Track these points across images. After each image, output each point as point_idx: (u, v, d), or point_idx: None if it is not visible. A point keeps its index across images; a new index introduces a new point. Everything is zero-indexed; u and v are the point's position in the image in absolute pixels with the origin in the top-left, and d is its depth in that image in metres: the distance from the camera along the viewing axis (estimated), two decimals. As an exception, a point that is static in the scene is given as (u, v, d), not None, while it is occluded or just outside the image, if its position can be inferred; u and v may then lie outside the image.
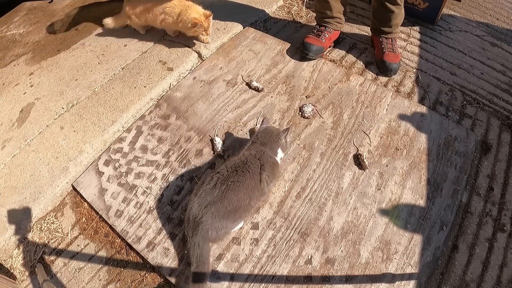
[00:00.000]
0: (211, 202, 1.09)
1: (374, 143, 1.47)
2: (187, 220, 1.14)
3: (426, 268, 1.18)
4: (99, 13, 2.26)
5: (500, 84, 1.76)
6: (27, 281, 1.26)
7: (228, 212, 1.11)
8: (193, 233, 1.11)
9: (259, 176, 1.16)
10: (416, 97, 1.67)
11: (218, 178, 1.13)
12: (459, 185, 1.35)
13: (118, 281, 1.22)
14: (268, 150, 1.22)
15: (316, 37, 1.77)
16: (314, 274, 1.17)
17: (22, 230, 1.32)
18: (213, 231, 1.10)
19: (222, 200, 1.09)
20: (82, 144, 1.50)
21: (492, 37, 2.01)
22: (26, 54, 2.04)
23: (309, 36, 1.79)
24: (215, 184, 1.11)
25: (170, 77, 1.73)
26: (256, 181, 1.15)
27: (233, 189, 1.11)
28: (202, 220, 1.09)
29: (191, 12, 1.67)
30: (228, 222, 1.13)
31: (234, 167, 1.15)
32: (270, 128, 1.32)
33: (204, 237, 1.10)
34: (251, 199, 1.15)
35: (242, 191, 1.12)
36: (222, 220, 1.11)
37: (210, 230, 1.10)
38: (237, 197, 1.11)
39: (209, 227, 1.09)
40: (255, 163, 1.17)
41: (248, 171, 1.14)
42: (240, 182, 1.12)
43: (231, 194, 1.10)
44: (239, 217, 1.16)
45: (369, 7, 2.20)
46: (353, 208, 1.30)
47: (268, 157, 1.21)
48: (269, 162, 1.19)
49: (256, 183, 1.15)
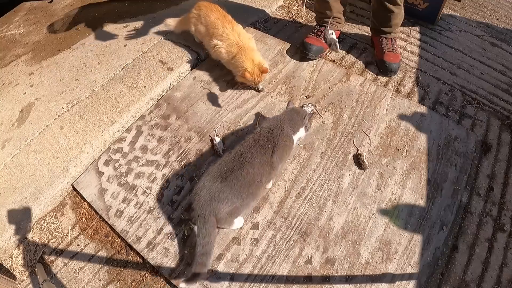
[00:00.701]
0: (230, 169, 1.13)
1: (374, 143, 1.47)
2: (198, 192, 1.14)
3: (426, 268, 1.18)
4: (99, 13, 2.26)
5: (500, 84, 1.76)
6: (27, 281, 1.26)
7: (245, 183, 1.13)
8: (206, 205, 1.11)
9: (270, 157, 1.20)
10: (416, 97, 1.67)
11: (236, 152, 1.18)
12: (459, 185, 1.35)
13: (118, 281, 1.22)
14: (289, 128, 1.27)
15: (316, 37, 1.77)
16: (314, 274, 1.17)
17: (22, 230, 1.32)
18: (228, 202, 1.11)
19: (241, 169, 1.13)
20: (82, 144, 1.50)
21: (492, 37, 2.01)
22: (26, 54, 2.04)
23: (309, 36, 1.79)
24: (233, 156, 1.17)
25: (170, 77, 1.73)
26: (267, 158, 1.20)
27: (249, 162, 1.15)
28: (221, 186, 1.11)
29: (245, 60, 1.51)
30: (243, 196, 1.14)
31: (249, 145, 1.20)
32: (297, 108, 1.38)
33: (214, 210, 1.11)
34: (263, 175, 1.18)
35: (256, 165, 1.16)
36: (239, 191, 1.12)
37: (226, 199, 1.11)
38: (252, 170, 1.15)
39: (226, 195, 1.11)
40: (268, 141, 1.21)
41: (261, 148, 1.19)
42: (254, 157, 1.17)
43: (248, 166, 1.15)
44: (251, 193, 1.17)
45: (369, 7, 2.20)
46: (353, 208, 1.30)
47: (284, 137, 1.24)
48: (281, 144, 1.23)
49: (267, 160, 1.19)
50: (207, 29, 1.66)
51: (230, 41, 1.57)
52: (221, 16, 1.64)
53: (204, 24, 1.66)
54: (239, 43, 1.56)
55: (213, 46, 1.62)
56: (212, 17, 1.63)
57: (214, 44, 1.61)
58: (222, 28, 1.59)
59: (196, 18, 1.69)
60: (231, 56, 1.58)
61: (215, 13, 1.64)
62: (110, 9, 2.27)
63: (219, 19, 1.62)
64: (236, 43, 1.56)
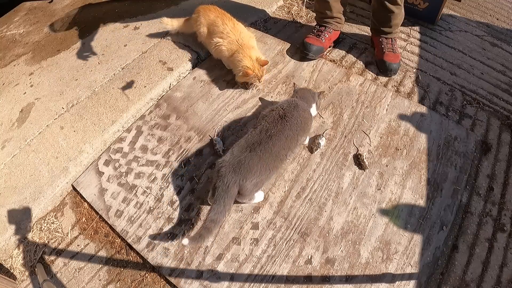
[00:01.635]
0: (258, 141, 1.17)
1: (374, 143, 1.47)
2: (225, 162, 1.15)
3: (426, 268, 1.18)
4: (99, 13, 2.26)
5: (500, 84, 1.76)
6: (27, 281, 1.26)
7: (273, 155, 1.18)
8: (230, 173, 1.12)
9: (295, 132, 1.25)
10: (416, 97, 1.67)
11: (262, 127, 1.22)
12: (459, 185, 1.35)
13: (118, 281, 1.22)
14: (304, 103, 1.34)
15: (316, 37, 1.77)
16: (314, 274, 1.17)
17: (22, 230, 1.32)
18: (256, 172, 1.14)
19: (269, 141, 1.18)
20: (82, 144, 1.50)
21: (492, 37, 2.01)
22: (26, 54, 2.04)
23: (309, 36, 1.79)
24: (260, 131, 1.21)
25: (170, 77, 1.73)
26: (293, 132, 1.24)
27: (276, 135, 1.20)
28: (250, 155, 1.14)
29: (244, 58, 1.52)
30: (270, 167, 1.18)
31: (273, 121, 1.24)
32: (307, 88, 1.48)
33: (241, 180, 1.12)
34: (288, 149, 1.24)
35: (283, 139, 1.21)
36: (267, 162, 1.16)
37: (255, 168, 1.14)
38: (279, 143, 1.20)
39: (255, 164, 1.14)
40: (292, 116, 1.26)
41: (287, 123, 1.24)
42: (280, 132, 1.21)
43: (275, 139, 1.19)
44: (275, 167, 1.22)
45: (369, 7, 2.20)
46: (353, 208, 1.30)
47: (302, 110, 1.30)
48: (302, 117, 1.29)
49: (293, 134, 1.24)
50: (207, 29, 1.67)
51: (230, 38, 1.58)
52: (221, 14, 1.65)
53: (204, 25, 1.67)
54: (239, 40, 1.58)
55: (214, 44, 1.63)
56: (212, 15, 1.64)
57: (215, 42, 1.62)
58: (222, 26, 1.60)
59: (197, 21, 1.70)
60: (231, 53, 1.59)
61: (214, 12, 1.65)
62: (110, 9, 2.27)
63: (218, 17, 1.63)
64: (237, 40, 1.58)
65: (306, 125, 1.31)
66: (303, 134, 1.31)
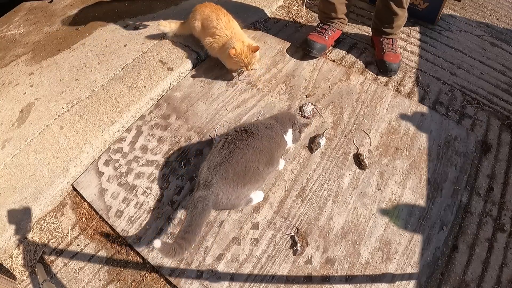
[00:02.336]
0: (219, 163, 1.09)
1: (374, 143, 1.47)
2: (197, 185, 1.11)
3: (426, 268, 1.18)
4: (99, 13, 2.26)
5: (500, 84, 1.76)
6: (27, 281, 1.26)
7: (238, 173, 1.09)
8: (202, 195, 1.07)
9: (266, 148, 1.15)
10: (416, 97, 1.67)
11: (226, 139, 1.14)
12: (459, 185, 1.35)
13: (118, 281, 1.22)
14: (280, 127, 1.23)
15: (319, 35, 1.77)
16: (314, 274, 1.17)
17: (22, 230, 1.32)
18: (223, 195, 1.08)
19: (230, 159, 1.08)
20: (82, 144, 1.50)
21: (492, 37, 2.01)
22: (26, 54, 2.04)
23: (312, 33, 1.79)
24: (223, 145, 1.12)
25: (170, 77, 1.73)
26: (266, 146, 1.15)
27: (240, 147, 1.10)
28: (213, 183, 1.06)
29: (235, 42, 1.54)
30: (239, 187, 1.10)
31: (243, 128, 1.16)
32: (292, 113, 1.36)
33: (213, 199, 1.07)
34: (259, 163, 1.13)
35: (250, 151, 1.11)
36: (232, 183, 1.08)
37: (220, 193, 1.07)
38: (244, 157, 1.10)
39: (219, 190, 1.07)
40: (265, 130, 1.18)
41: (257, 133, 1.15)
42: (248, 141, 1.12)
43: (239, 153, 1.10)
44: (249, 181, 1.13)
45: (369, 7, 2.20)
46: (353, 208, 1.30)
47: (271, 129, 1.20)
48: (277, 137, 1.20)
49: (265, 148, 1.14)
50: (202, 23, 1.69)
51: (223, 32, 1.60)
52: (216, 9, 1.67)
53: (199, 19, 1.69)
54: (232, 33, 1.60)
55: (209, 43, 1.66)
56: (207, 10, 1.66)
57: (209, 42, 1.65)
58: (216, 21, 1.62)
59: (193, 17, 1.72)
60: (223, 43, 1.61)
61: (209, 7, 1.67)
62: (110, 9, 2.27)
63: (213, 12, 1.65)
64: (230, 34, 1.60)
65: (277, 144, 1.21)
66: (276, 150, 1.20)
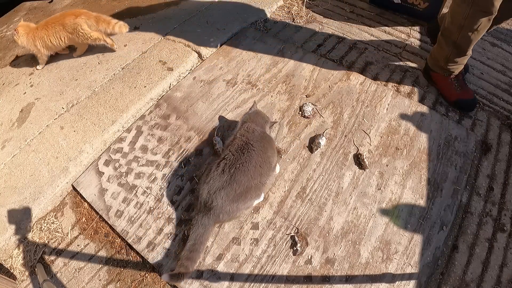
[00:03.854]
0: (219, 187, 1.12)
1: (375, 143, 1.47)
2: (199, 204, 1.17)
3: (426, 268, 1.18)
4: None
5: (500, 84, 1.76)
6: (27, 281, 1.26)
7: (239, 194, 1.13)
8: (204, 215, 1.14)
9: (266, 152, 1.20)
10: (416, 97, 1.67)
11: (225, 163, 1.15)
12: (459, 185, 1.35)
13: (118, 281, 1.22)
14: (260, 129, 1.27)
15: (464, 90, 1.62)
16: (314, 274, 1.17)
17: (22, 230, 1.32)
18: (224, 214, 1.14)
19: (232, 183, 1.12)
20: (82, 144, 1.50)
21: (492, 37, 2.01)
22: (26, 54, 2.04)
23: (455, 91, 1.62)
24: (223, 170, 1.14)
25: (170, 77, 1.73)
26: (264, 157, 1.18)
27: (242, 170, 1.13)
28: (213, 205, 1.12)
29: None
30: (240, 204, 1.15)
31: (239, 149, 1.18)
32: (260, 112, 1.37)
33: (214, 219, 1.14)
34: (262, 176, 1.18)
35: (251, 170, 1.15)
36: (233, 203, 1.13)
37: (221, 214, 1.13)
38: (246, 178, 1.14)
39: (219, 211, 1.13)
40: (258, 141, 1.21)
41: (253, 150, 1.18)
42: (248, 162, 1.15)
43: (240, 176, 1.13)
44: (250, 197, 1.18)
45: (369, 7, 2.20)
46: (353, 208, 1.30)
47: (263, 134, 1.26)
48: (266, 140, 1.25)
49: (263, 159, 1.18)
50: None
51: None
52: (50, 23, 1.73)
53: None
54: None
55: None
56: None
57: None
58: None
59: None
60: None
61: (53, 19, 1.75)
62: (110, 9, 2.27)
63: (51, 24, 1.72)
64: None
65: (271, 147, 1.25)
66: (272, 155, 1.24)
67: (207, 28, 1.97)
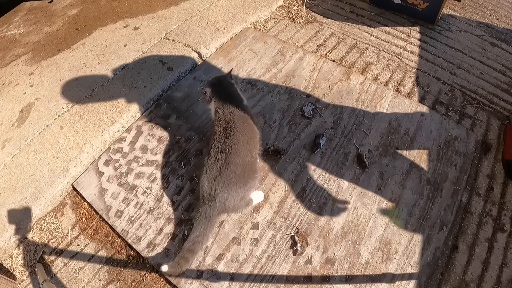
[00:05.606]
0: (218, 173, 1.14)
1: (375, 143, 1.47)
2: (202, 198, 1.18)
3: (426, 268, 1.18)
4: (99, 13, 2.26)
5: (500, 84, 1.76)
6: (27, 281, 1.26)
7: (238, 176, 1.15)
8: (208, 207, 1.15)
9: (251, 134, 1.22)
10: (416, 97, 1.67)
11: (215, 151, 1.18)
12: (459, 185, 1.35)
13: (118, 281, 1.22)
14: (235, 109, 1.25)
15: None
16: (314, 274, 1.17)
17: (22, 230, 1.32)
18: (230, 200, 1.15)
19: (228, 167, 1.14)
20: (82, 144, 1.50)
21: (492, 37, 2.01)
22: (26, 54, 2.04)
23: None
24: (216, 157, 1.17)
25: (170, 77, 1.73)
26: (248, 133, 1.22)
27: (233, 151, 1.16)
28: (217, 193, 1.13)
29: None
30: (241, 187, 1.17)
31: (223, 133, 1.19)
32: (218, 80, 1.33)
33: (219, 209, 1.15)
34: (252, 151, 1.21)
35: (241, 148, 1.18)
36: (235, 186, 1.15)
37: (227, 200, 1.15)
38: (240, 157, 1.17)
39: (225, 197, 1.14)
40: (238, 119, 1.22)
41: (237, 130, 1.20)
42: (236, 142, 1.17)
43: (233, 157, 1.16)
44: (248, 177, 1.19)
45: (369, 7, 2.20)
46: (353, 208, 1.30)
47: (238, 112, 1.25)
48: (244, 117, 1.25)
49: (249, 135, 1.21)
50: None
51: None
52: None
53: None
54: None
55: None
56: None
57: None
58: None
59: None
60: None
61: None
62: (110, 9, 2.27)
63: None
64: None
65: (250, 119, 1.27)
66: (255, 124, 1.27)
67: (207, 28, 1.97)
